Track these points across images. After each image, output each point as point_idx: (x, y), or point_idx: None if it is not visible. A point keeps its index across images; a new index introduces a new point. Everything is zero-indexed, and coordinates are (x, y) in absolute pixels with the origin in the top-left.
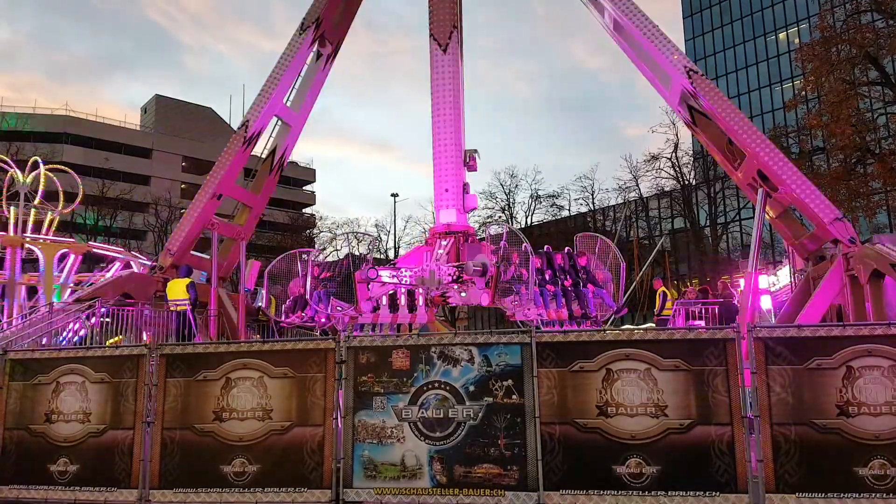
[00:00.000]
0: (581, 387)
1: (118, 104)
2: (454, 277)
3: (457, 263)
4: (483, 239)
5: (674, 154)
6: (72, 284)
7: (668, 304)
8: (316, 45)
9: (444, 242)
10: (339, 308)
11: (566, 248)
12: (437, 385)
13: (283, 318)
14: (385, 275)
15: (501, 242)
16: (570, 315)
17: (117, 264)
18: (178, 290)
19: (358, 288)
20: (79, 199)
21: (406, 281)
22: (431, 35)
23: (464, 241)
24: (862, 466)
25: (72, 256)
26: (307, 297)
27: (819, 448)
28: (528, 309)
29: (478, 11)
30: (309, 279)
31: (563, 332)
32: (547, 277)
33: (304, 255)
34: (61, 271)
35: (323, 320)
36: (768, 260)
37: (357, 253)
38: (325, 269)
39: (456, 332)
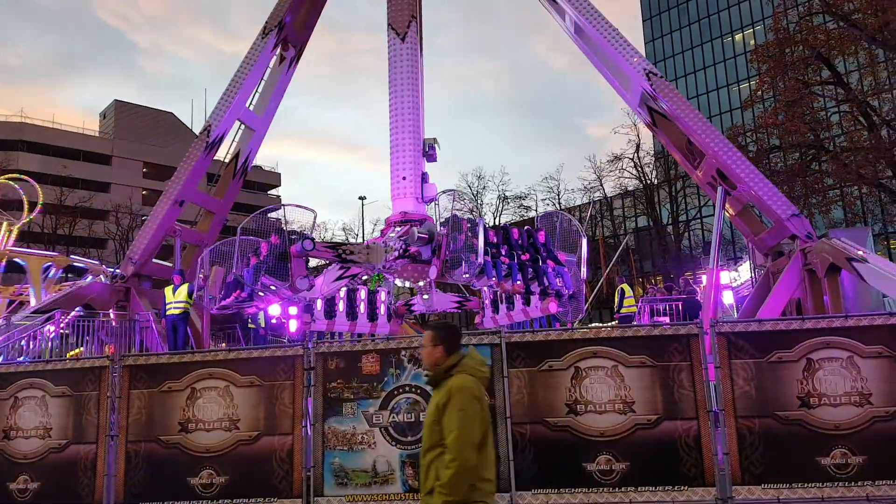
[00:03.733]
0: (551, 386)
1: (72, 108)
2: (400, 252)
3: (402, 236)
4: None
5: (636, 154)
6: None
7: (629, 301)
8: (279, 49)
9: (398, 228)
10: (272, 287)
11: (525, 227)
12: (408, 389)
13: (216, 305)
14: (324, 248)
15: (451, 206)
16: (527, 290)
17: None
18: (180, 293)
19: (293, 263)
20: (38, 208)
21: (348, 258)
22: (389, 25)
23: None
24: (824, 456)
25: None
26: (241, 275)
27: (782, 439)
28: (480, 279)
29: (439, 9)
30: (236, 256)
31: (532, 332)
32: (503, 252)
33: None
34: None
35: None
36: (729, 256)
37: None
38: (263, 247)
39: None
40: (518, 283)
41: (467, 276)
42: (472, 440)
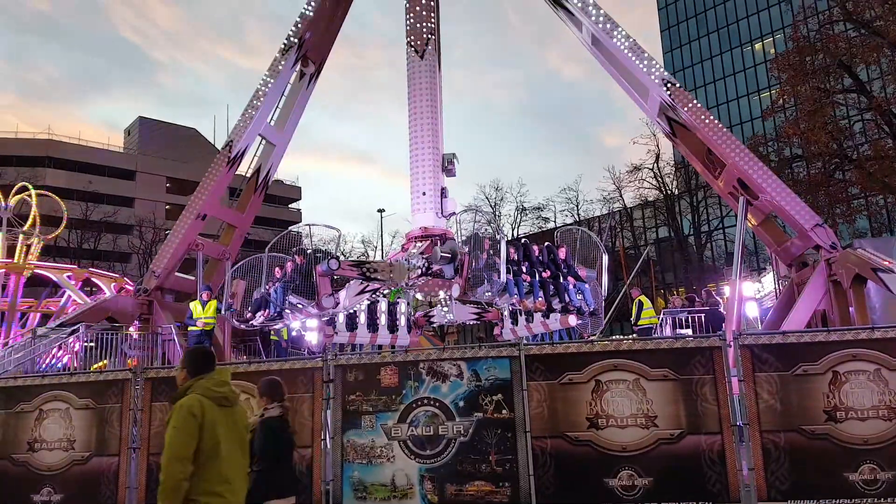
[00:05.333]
0: (571, 399)
1: (96, 123)
2: (424, 269)
3: (424, 255)
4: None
5: (655, 164)
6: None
7: (648, 313)
8: (299, 65)
9: (419, 244)
10: (298, 305)
11: (545, 243)
12: (426, 402)
13: (244, 320)
14: (349, 267)
15: (473, 224)
16: (549, 307)
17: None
18: (209, 309)
19: (319, 282)
20: (63, 225)
21: (372, 276)
22: (408, 42)
23: (441, 245)
24: (852, 471)
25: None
26: (268, 295)
27: (809, 454)
28: (502, 297)
29: (454, 23)
30: (264, 274)
31: (552, 345)
32: (524, 269)
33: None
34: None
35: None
36: (752, 267)
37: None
38: (288, 266)
39: (444, 347)
40: (539, 300)
41: (489, 294)
42: (179, 454)
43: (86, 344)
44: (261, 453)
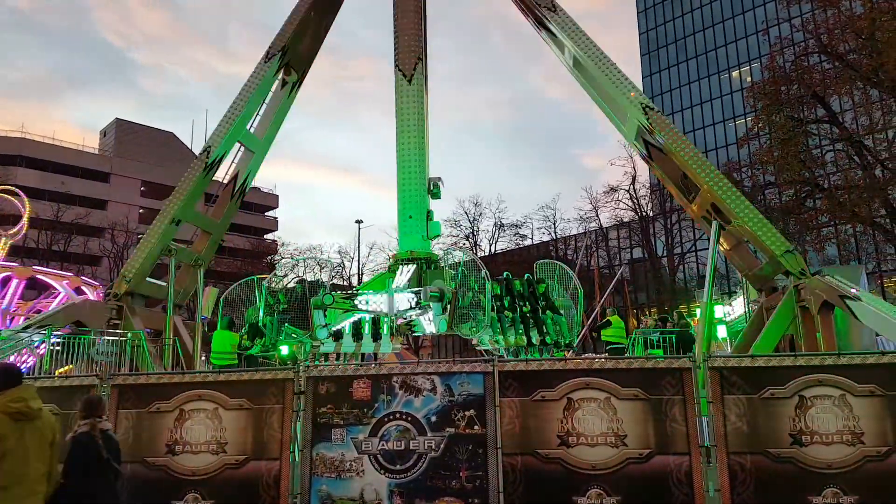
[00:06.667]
0: (542, 416)
1: (73, 124)
2: (412, 304)
3: (414, 290)
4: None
5: (632, 186)
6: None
7: (611, 332)
8: (281, 74)
9: (405, 268)
10: (292, 336)
11: (525, 276)
12: (398, 416)
13: (241, 349)
14: (341, 302)
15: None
16: (528, 342)
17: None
18: (224, 343)
19: (313, 314)
20: (23, 222)
21: (363, 307)
22: (396, 66)
23: (426, 268)
24: (816, 495)
25: (15, 281)
26: (260, 324)
27: (774, 477)
28: (485, 335)
29: (439, 38)
30: (263, 306)
31: (525, 361)
32: (506, 305)
33: (265, 282)
34: (3, 297)
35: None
36: (723, 290)
37: (316, 278)
38: (283, 296)
39: (419, 361)
40: (520, 335)
41: (474, 329)
42: None
43: (52, 348)
44: (69, 468)
